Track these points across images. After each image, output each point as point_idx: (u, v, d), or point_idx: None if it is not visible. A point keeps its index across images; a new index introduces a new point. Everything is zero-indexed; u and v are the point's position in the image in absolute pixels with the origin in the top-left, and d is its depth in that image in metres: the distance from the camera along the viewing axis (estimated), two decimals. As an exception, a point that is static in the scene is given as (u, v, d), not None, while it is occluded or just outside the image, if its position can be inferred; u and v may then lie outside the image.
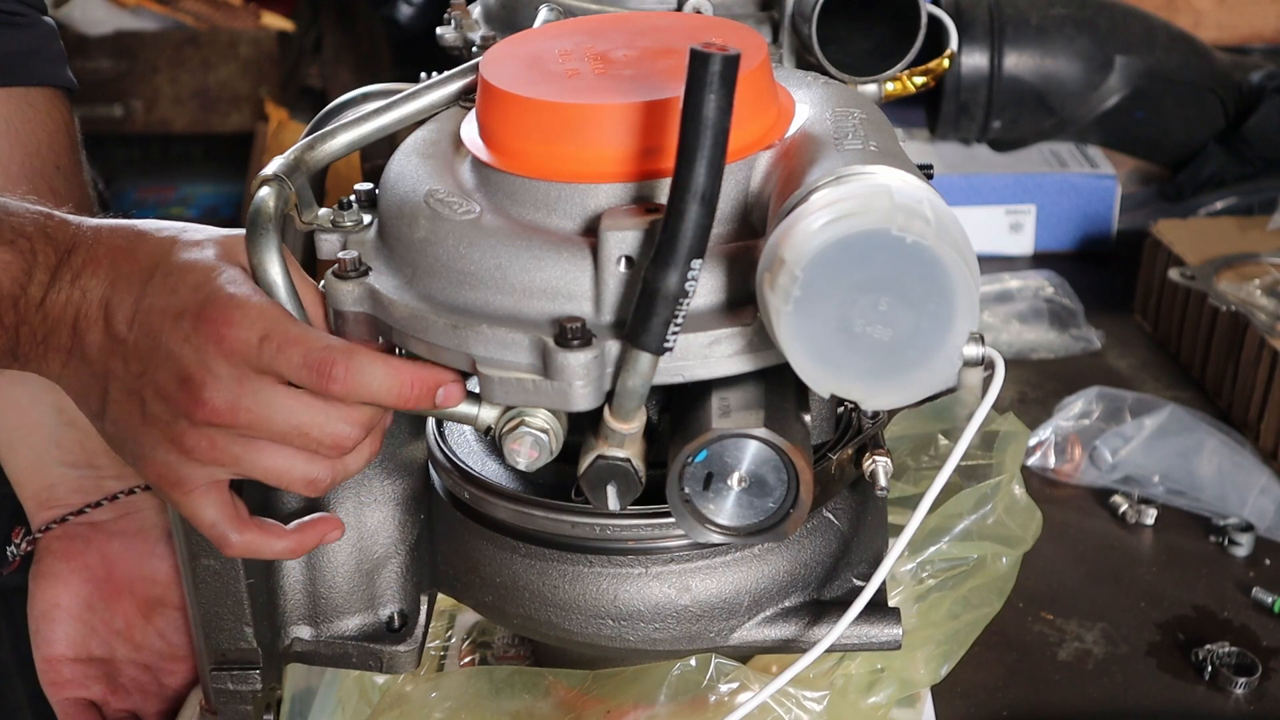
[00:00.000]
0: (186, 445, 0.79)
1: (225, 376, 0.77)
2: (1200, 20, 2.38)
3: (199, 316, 0.77)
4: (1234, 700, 1.18)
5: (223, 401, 0.77)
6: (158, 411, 0.79)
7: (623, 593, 0.89)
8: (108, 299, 0.80)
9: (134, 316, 0.79)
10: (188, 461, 0.80)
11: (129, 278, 0.80)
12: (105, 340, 0.80)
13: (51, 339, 0.81)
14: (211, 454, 0.79)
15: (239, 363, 0.77)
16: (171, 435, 0.79)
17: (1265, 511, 1.37)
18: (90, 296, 0.80)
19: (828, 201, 0.68)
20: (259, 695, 0.95)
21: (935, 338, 0.68)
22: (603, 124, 0.78)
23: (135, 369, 0.79)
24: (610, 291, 0.76)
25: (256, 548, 0.85)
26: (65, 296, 0.80)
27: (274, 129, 3.33)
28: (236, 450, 0.79)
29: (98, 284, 0.80)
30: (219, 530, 0.83)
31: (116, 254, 0.81)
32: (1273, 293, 1.57)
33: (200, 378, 0.77)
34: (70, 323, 0.80)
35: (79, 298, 0.80)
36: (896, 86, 1.18)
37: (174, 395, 0.78)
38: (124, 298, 0.79)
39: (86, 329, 0.80)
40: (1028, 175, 1.96)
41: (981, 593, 1.07)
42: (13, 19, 1.17)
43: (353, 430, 0.80)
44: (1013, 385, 1.63)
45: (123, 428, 0.81)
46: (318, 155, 0.86)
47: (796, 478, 0.78)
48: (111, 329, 0.80)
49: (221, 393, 0.77)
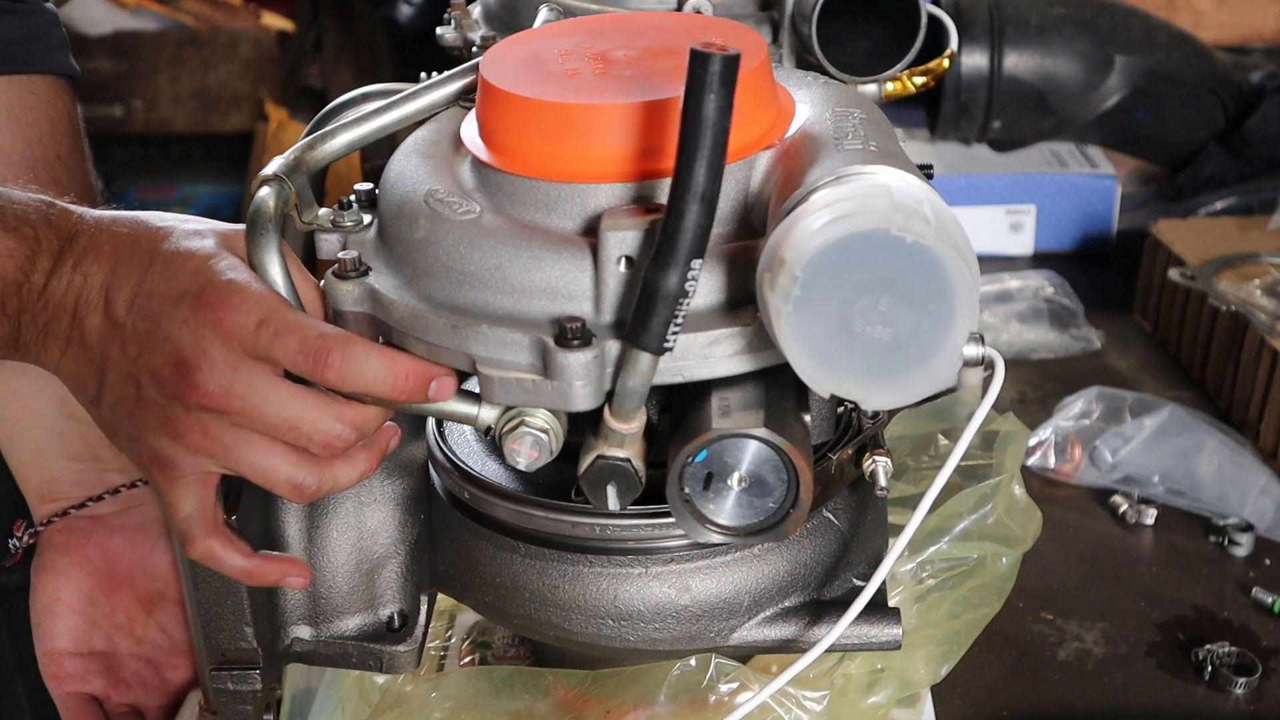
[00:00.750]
0: (179, 430, 0.79)
1: (220, 361, 0.77)
2: (1200, 20, 2.38)
3: (198, 300, 0.78)
4: (1234, 700, 1.18)
5: (216, 385, 0.77)
6: (152, 395, 0.79)
7: (623, 593, 0.89)
8: (108, 285, 0.80)
9: (133, 301, 0.79)
10: (178, 447, 0.80)
11: (129, 264, 0.80)
12: (104, 325, 0.80)
13: (52, 326, 0.81)
14: (202, 440, 0.79)
15: (235, 347, 0.77)
16: (165, 419, 0.79)
17: (1265, 511, 1.37)
18: (91, 282, 0.81)
19: (828, 201, 0.68)
20: (259, 695, 0.95)
21: (935, 338, 0.68)
22: (603, 124, 0.78)
23: (132, 352, 0.79)
24: (610, 291, 0.76)
25: (216, 556, 0.84)
26: (67, 283, 0.81)
27: (274, 129, 3.33)
28: (227, 440, 0.79)
29: (99, 270, 0.81)
30: (189, 526, 0.83)
31: (118, 241, 0.81)
32: (1273, 293, 1.57)
33: (195, 360, 0.77)
34: (71, 309, 0.81)
35: (80, 283, 0.81)
36: (896, 86, 1.18)
37: (169, 378, 0.78)
38: (124, 283, 0.80)
39: (86, 314, 0.81)
40: (1028, 175, 1.96)
41: (981, 593, 1.07)
42: (13, 6, 1.17)
43: (344, 429, 0.80)
44: (1013, 385, 1.63)
45: (118, 412, 0.81)
46: (318, 155, 0.86)
47: (796, 478, 0.78)
48: (111, 313, 0.80)
49: (215, 377, 0.77)
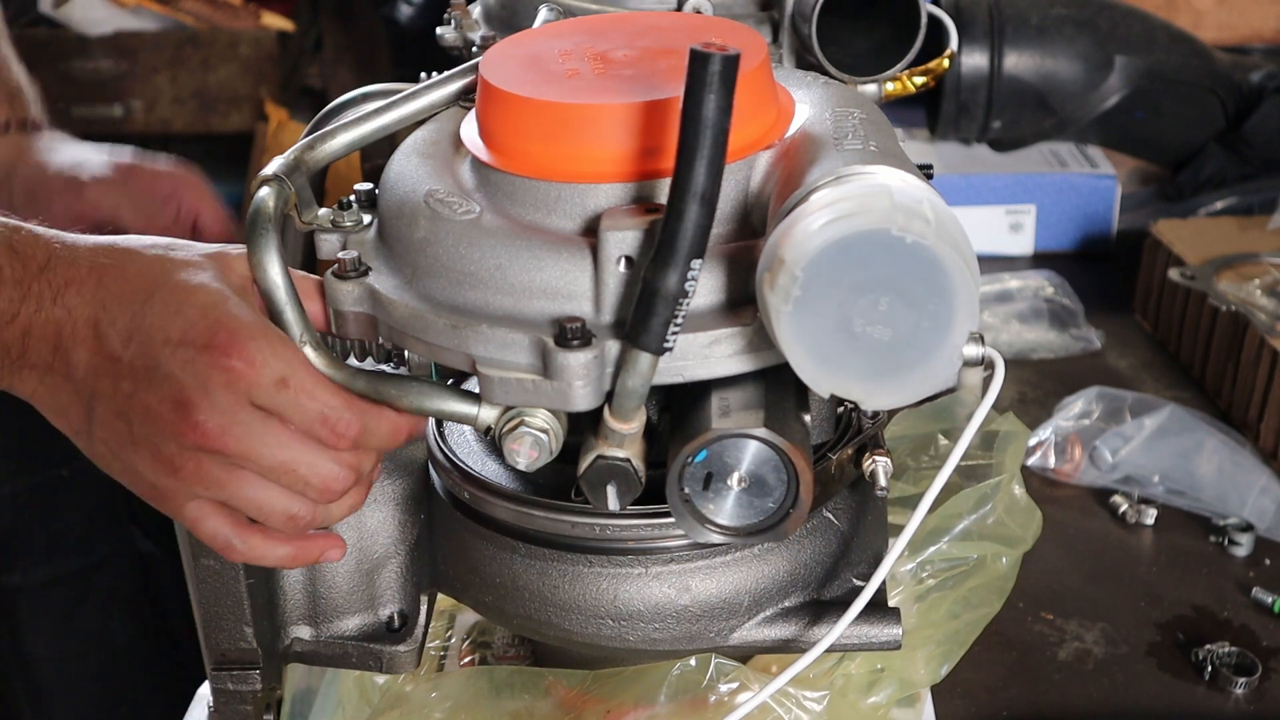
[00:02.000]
0: (173, 466, 0.79)
1: (221, 403, 0.77)
2: (1200, 20, 2.38)
3: (208, 345, 0.77)
4: (1234, 700, 1.18)
5: (214, 426, 0.77)
6: (147, 434, 0.79)
7: (623, 593, 0.89)
8: (96, 319, 0.79)
9: (130, 336, 0.78)
10: (175, 481, 0.80)
11: (121, 298, 0.79)
12: (96, 360, 0.79)
13: (28, 357, 0.80)
14: (196, 476, 0.80)
15: (240, 393, 0.77)
16: (159, 456, 0.79)
17: (1265, 511, 1.37)
18: (76, 315, 0.79)
19: (827, 201, 0.68)
20: (259, 695, 0.95)
21: (935, 338, 0.68)
22: (602, 124, 0.78)
23: (126, 389, 0.79)
24: (610, 291, 0.76)
25: (260, 554, 0.84)
26: (46, 315, 0.79)
27: (274, 129, 3.33)
28: (221, 476, 0.80)
29: (84, 303, 0.79)
30: (221, 538, 0.83)
31: (103, 273, 0.80)
32: (1273, 293, 1.57)
33: (195, 401, 0.77)
34: (52, 341, 0.80)
35: (62, 316, 0.79)
36: (896, 86, 1.18)
37: (164, 417, 0.78)
38: (117, 318, 0.79)
39: (72, 347, 0.80)
40: (1028, 175, 1.96)
41: (981, 593, 1.07)
42: None
43: (342, 472, 0.81)
44: (1013, 385, 1.63)
45: (111, 447, 0.81)
46: (318, 155, 0.86)
47: (796, 478, 0.78)
48: (105, 349, 0.79)
49: (215, 418, 0.77)
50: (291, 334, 0.80)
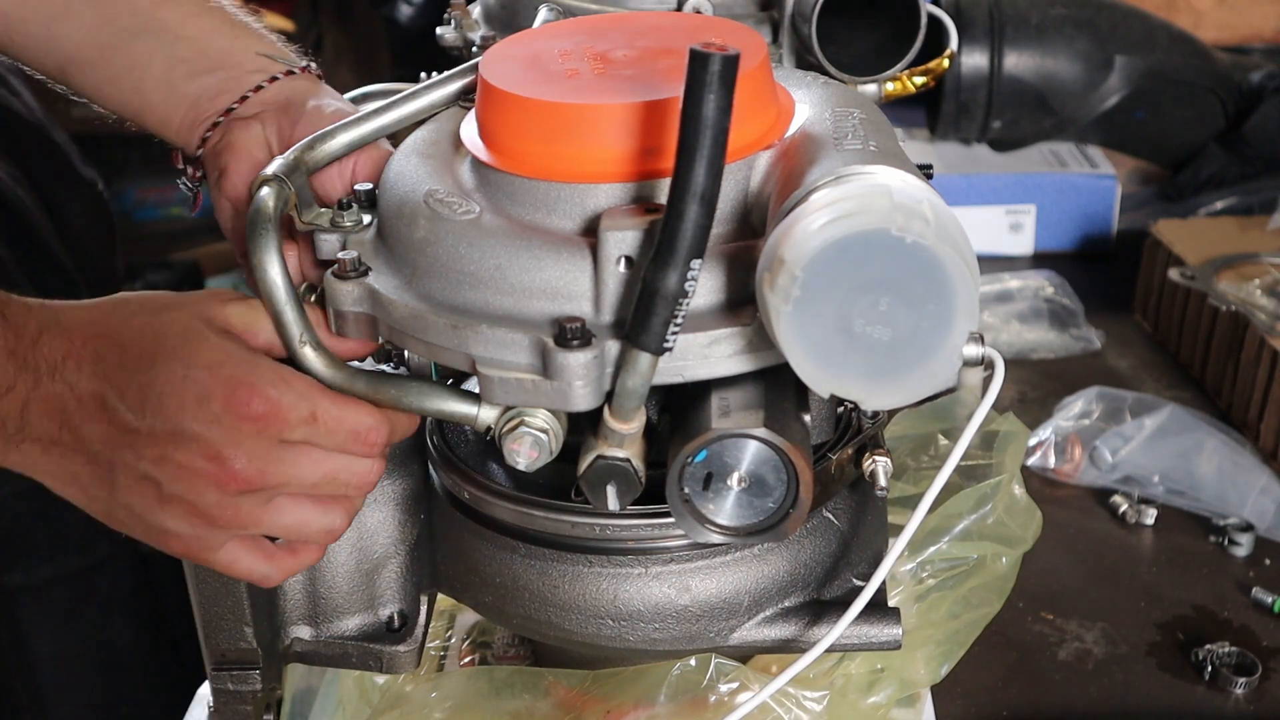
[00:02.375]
0: (210, 516, 0.81)
1: (255, 449, 0.79)
2: (1200, 20, 2.38)
3: (230, 401, 0.78)
4: (1234, 700, 1.18)
5: (254, 471, 0.79)
6: (180, 490, 0.80)
7: (623, 593, 0.89)
8: (101, 394, 0.80)
9: (143, 408, 0.79)
10: (212, 529, 0.82)
11: (123, 369, 0.80)
12: (111, 432, 0.80)
13: (28, 429, 0.80)
14: (236, 519, 0.81)
15: (271, 437, 0.79)
16: (194, 510, 0.81)
17: (1265, 511, 1.37)
18: (79, 390, 0.80)
19: (827, 201, 0.68)
20: (259, 695, 0.95)
21: (935, 338, 0.68)
22: (602, 124, 0.78)
23: (151, 455, 0.80)
24: (610, 291, 0.76)
25: (293, 570, 0.87)
26: (46, 390, 0.80)
27: (274, 129, 3.33)
28: (258, 513, 0.82)
29: (84, 378, 0.80)
30: (259, 573, 0.85)
31: (99, 345, 0.80)
32: (1273, 293, 1.57)
33: (230, 453, 0.79)
34: (57, 417, 0.80)
35: (64, 390, 0.80)
36: (896, 86, 1.18)
37: (202, 472, 0.79)
38: (125, 391, 0.79)
39: (81, 423, 0.80)
40: (1028, 175, 1.96)
41: (981, 593, 1.07)
42: None
43: (377, 464, 0.84)
44: (1013, 385, 1.63)
45: (136, 510, 0.82)
46: (318, 155, 0.87)
47: (796, 478, 0.78)
48: (118, 421, 0.80)
49: (254, 463, 0.79)
50: (291, 334, 0.81)
